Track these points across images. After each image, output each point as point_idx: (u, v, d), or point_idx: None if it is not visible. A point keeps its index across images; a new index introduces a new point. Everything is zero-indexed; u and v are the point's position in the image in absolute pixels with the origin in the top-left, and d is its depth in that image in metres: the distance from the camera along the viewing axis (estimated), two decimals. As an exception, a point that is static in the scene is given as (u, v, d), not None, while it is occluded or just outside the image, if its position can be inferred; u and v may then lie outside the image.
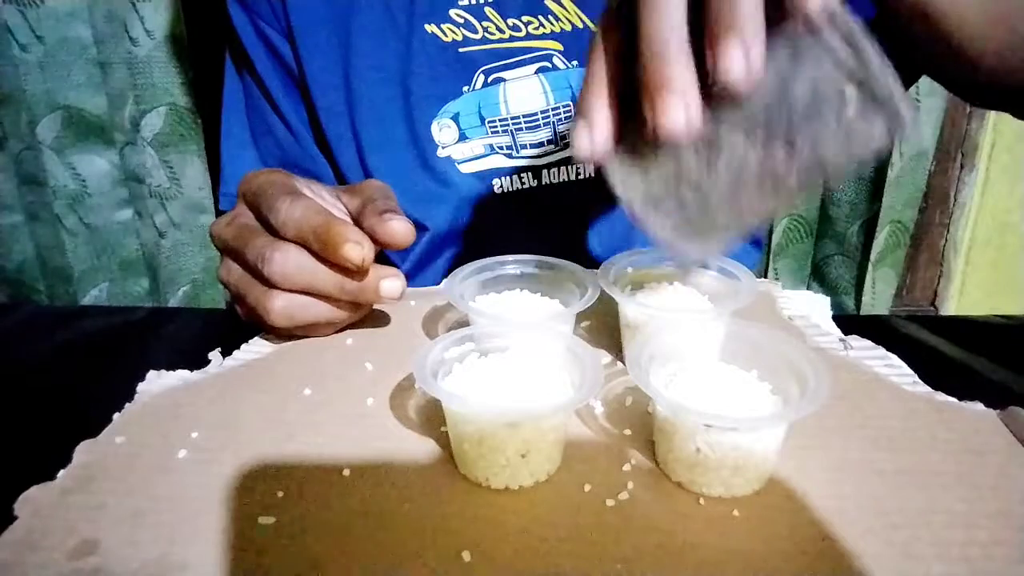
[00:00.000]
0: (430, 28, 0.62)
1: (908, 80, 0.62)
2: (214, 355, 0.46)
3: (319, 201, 0.46)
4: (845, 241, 1.19)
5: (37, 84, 1.11)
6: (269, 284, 0.44)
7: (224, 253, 0.47)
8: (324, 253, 0.42)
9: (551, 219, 0.66)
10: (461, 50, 0.62)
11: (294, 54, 0.63)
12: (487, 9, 0.62)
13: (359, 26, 0.62)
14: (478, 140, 0.65)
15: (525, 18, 0.62)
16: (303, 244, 0.43)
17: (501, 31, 0.62)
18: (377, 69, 0.63)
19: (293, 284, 0.44)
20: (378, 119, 0.64)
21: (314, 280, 0.43)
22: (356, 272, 0.43)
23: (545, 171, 0.66)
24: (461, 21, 0.62)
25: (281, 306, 0.44)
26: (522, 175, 0.66)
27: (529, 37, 0.63)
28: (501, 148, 0.65)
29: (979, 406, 0.40)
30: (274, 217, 0.43)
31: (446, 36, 0.62)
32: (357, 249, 0.41)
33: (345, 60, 0.62)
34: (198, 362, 0.45)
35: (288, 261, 0.43)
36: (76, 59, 1.12)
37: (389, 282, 0.44)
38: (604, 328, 0.50)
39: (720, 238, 0.34)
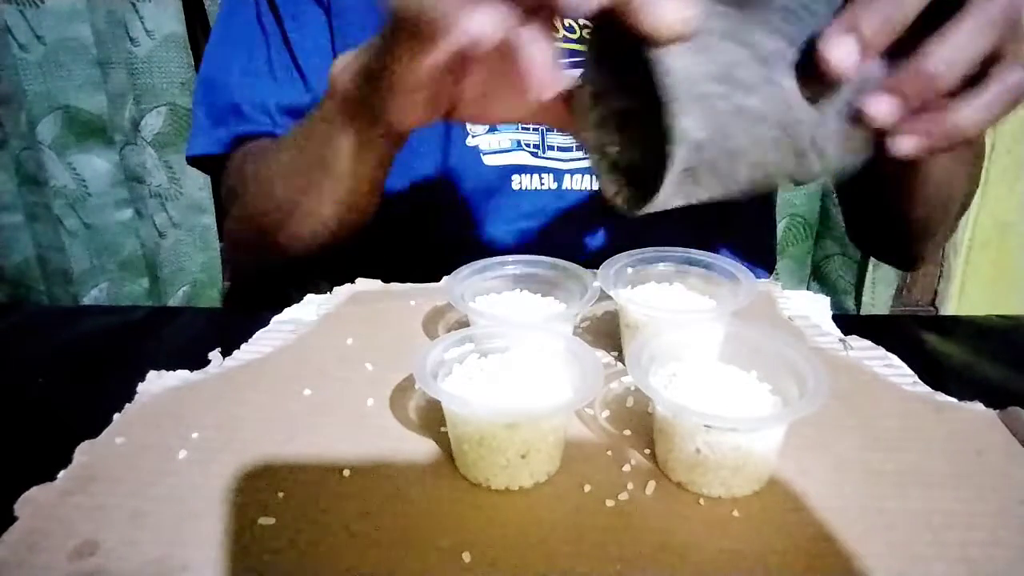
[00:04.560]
0: None
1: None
2: (214, 355, 0.46)
3: None
4: (845, 241, 1.19)
5: (37, 84, 1.12)
6: None
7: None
8: None
9: (562, 224, 0.66)
10: None
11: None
12: None
13: None
14: (506, 134, 0.64)
15: (582, 21, 0.62)
16: None
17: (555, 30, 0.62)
18: None
19: None
20: None
21: None
22: None
23: (567, 176, 0.66)
24: None
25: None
26: (543, 176, 0.66)
27: (582, 40, 0.62)
28: (528, 145, 0.65)
29: (979, 406, 0.40)
30: None
31: None
32: None
33: None
34: (198, 362, 0.45)
35: None
36: (76, 59, 1.12)
37: None
38: (604, 328, 0.50)
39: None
